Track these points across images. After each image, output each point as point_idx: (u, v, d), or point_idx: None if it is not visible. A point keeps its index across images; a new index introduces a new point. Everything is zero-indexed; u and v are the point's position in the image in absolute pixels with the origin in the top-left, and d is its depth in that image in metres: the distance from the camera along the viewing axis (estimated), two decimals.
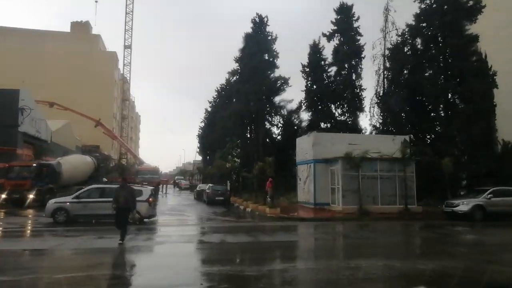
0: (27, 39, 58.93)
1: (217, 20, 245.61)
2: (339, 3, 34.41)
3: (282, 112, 39.78)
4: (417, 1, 29.21)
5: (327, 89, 34.47)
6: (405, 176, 21.13)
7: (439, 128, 28.08)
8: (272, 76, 38.79)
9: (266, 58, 38.68)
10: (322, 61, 35.74)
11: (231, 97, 43.41)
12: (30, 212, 20.11)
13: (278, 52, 38.97)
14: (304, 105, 36.45)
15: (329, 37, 34.73)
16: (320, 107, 34.96)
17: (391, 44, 30.94)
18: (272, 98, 39.00)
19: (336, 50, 34.24)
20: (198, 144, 60.50)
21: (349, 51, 33.46)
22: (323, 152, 23.66)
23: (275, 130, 40.47)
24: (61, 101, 46.01)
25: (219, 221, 18.58)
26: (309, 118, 35.82)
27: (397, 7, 31.75)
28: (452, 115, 27.17)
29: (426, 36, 28.97)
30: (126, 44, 66.91)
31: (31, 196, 21.74)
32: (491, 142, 26.30)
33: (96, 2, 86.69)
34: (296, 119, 39.32)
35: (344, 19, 34.12)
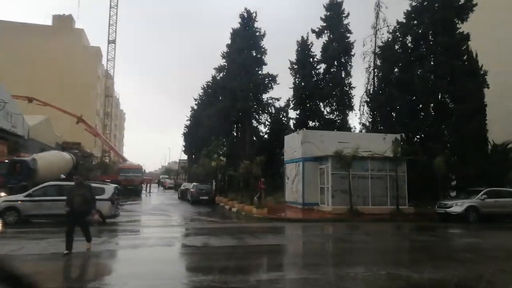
0: (5, 32, 56.62)
1: (205, 16, 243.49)
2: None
3: (270, 110, 38.99)
4: None
5: (316, 87, 33.76)
6: (397, 176, 20.50)
7: (430, 128, 27.57)
8: (260, 73, 37.92)
9: (254, 55, 37.83)
10: (311, 58, 35.01)
11: (218, 95, 42.29)
12: None
13: (266, 49, 38.23)
14: (292, 103, 35.64)
15: (319, 34, 34.05)
16: (309, 105, 34.23)
17: (382, 42, 30.40)
18: (260, 96, 38.12)
19: (326, 47, 33.54)
20: (184, 143, 59.27)
21: (339, 48, 32.81)
22: (313, 150, 22.92)
23: (263, 129, 39.67)
24: (42, 97, 44.07)
25: (203, 222, 17.56)
26: (297, 117, 35.03)
27: (389, 4, 31.31)
28: (443, 115, 26.69)
29: (417, 34, 28.51)
30: (110, 39, 65.20)
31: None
32: (483, 143, 25.88)
33: None
34: (284, 117, 38.56)
35: (334, 16, 33.51)
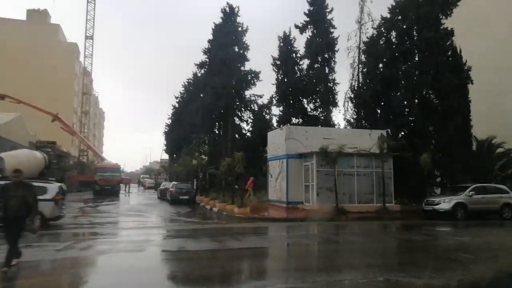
0: None
1: (186, 10, 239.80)
2: None
3: (253, 107, 38.05)
4: None
5: (299, 83, 33.00)
6: (383, 173, 19.96)
7: (415, 124, 27.21)
8: (243, 70, 36.96)
9: (236, 50, 36.79)
10: (294, 54, 34.23)
11: (199, 92, 41.16)
12: None
13: (249, 45, 37.22)
14: (275, 100, 34.81)
15: (302, 29, 33.29)
16: (292, 102, 33.46)
17: (367, 37, 29.91)
18: (242, 92, 37.14)
19: (309, 43, 32.80)
20: (165, 142, 57.94)
21: (323, 44, 32.09)
22: (297, 147, 22.16)
23: (245, 126, 38.67)
24: (16, 94, 42.10)
25: (182, 223, 16.60)
26: (280, 113, 34.25)
27: None
28: (428, 110, 26.35)
29: (401, 30, 28.13)
30: (88, 35, 62.89)
31: None
32: (467, 139, 25.67)
33: None
34: (267, 114, 37.76)
35: (318, 11, 32.79)
